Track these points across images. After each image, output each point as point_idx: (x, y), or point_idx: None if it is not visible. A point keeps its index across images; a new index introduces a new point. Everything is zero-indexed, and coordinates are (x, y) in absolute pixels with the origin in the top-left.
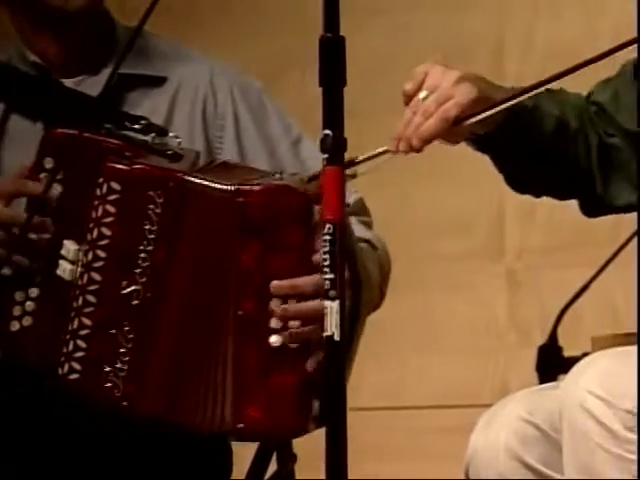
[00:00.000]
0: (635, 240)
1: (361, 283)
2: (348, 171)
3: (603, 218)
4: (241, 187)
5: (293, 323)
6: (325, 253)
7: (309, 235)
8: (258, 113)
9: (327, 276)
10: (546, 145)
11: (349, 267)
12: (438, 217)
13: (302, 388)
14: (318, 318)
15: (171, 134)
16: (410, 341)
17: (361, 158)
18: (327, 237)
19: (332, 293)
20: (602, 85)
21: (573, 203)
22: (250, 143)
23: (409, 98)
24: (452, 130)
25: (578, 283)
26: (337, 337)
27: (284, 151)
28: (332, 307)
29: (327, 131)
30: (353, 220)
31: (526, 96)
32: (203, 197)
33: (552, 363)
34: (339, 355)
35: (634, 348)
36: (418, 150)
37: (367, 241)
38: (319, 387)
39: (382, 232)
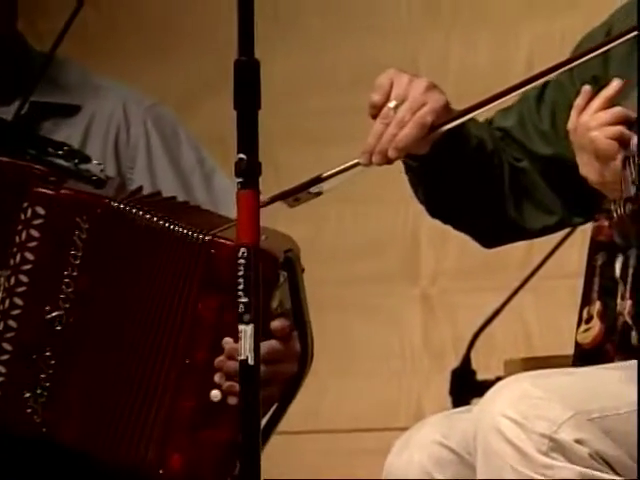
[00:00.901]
0: (547, 265)
1: (308, 344)
2: (313, 189)
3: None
4: (215, 239)
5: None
6: (239, 277)
7: (270, 299)
8: (171, 144)
9: (241, 300)
10: (469, 164)
11: (297, 307)
12: (354, 240)
13: (230, 447)
14: (266, 383)
15: (94, 161)
16: (327, 364)
17: (328, 174)
18: (242, 261)
19: (246, 317)
20: (502, 112)
21: None
22: (162, 174)
23: (377, 109)
24: (427, 138)
25: (491, 307)
26: (251, 361)
27: (196, 183)
28: (246, 331)
29: (241, 155)
30: None
31: (494, 104)
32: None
33: (466, 387)
34: (253, 380)
35: (547, 371)
36: (392, 161)
37: None
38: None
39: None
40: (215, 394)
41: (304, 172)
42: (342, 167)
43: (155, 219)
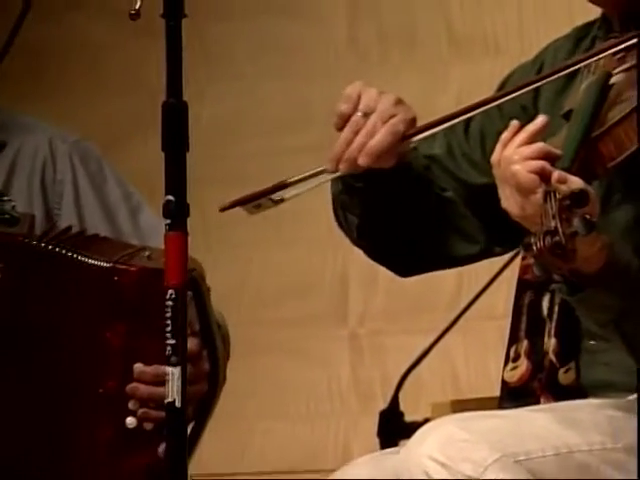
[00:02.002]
0: (475, 306)
1: (218, 362)
2: (275, 196)
3: (443, 283)
4: (117, 265)
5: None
6: (167, 319)
7: (139, 323)
8: (97, 180)
9: (169, 342)
10: (406, 188)
11: (205, 327)
12: (282, 281)
13: (150, 472)
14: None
15: (5, 198)
16: (254, 406)
17: (292, 180)
18: (169, 303)
19: (174, 359)
20: (428, 141)
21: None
22: (89, 210)
23: (344, 119)
24: (395, 149)
25: (420, 348)
26: (178, 404)
27: (123, 219)
28: (174, 373)
29: (169, 197)
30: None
31: (470, 114)
32: (64, 267)
33: (393, 428)
34: (180, 422)
35: (474, 414)
36: (360, 170)
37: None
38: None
39: (227, 296)
40: (130, 421)
41: (231, 214)
42: (307, 174)
43: (64, 252)
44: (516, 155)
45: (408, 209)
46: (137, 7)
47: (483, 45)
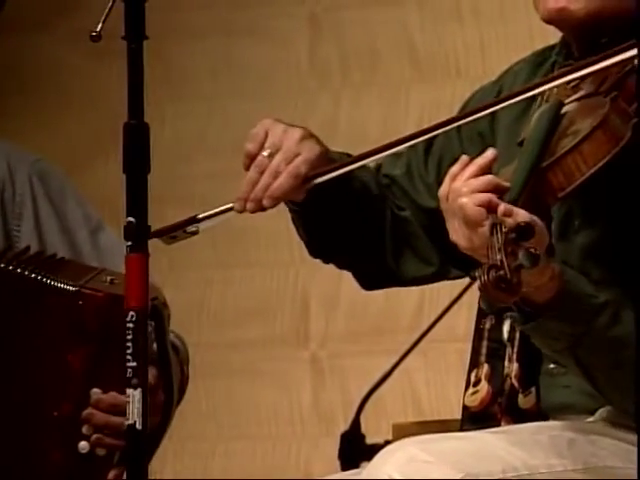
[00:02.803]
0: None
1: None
2: (190, 228)
3: (404, 305)
4: (83, 290)
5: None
6: (128, 341)
7: (103, 347)
8: (57, 200)
9: (130, 364)
10: (351, 206)
11: (163, 357)
12: (243, 302)
13: None
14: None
15: None
16: (215, 427)
17: (203, 215)
18: (130, 325)
19: (134, 381)
20: (393, 159)
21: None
22: (49, 231)
23: (250, 159)
24: (301, 188)
25: (381, 370)
26: (139, 426)
27: (83, 240)
28: (134, 395)
29: (130, 218)
30: None
31: (380, 156)
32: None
33: (355, 450)
34: (141, 444)
35: (435, 436)
36: (267, 209)
37: (171, 345)
38: None
39: (188, 317)
40: (83, 446)
41: (192, 238)
42: (216, 210)
43: (27, 273)
44: (464, 188)
45: (357, 225)
46: (98, 29)
47: (445, 67)
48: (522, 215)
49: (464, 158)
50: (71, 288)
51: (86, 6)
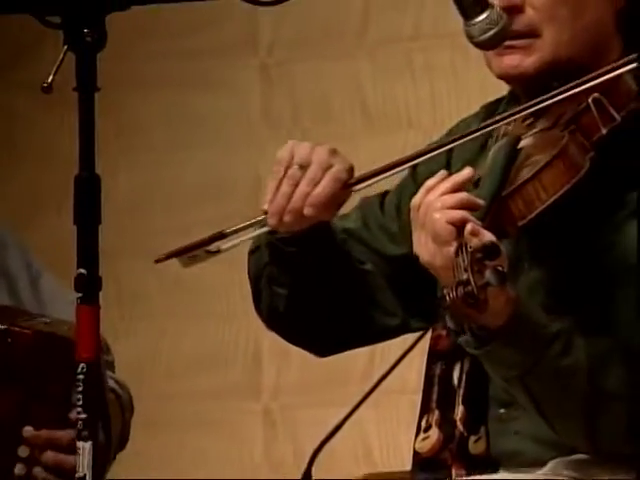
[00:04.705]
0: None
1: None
2: (212, 247)
3: (356, 357)
4: (10, 328)
5: (39, 470)
6: (79, 393)
7: (71, 388)
8: None
9: (80, 416)
10: (331, 259)
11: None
12: (195, 353)
13: None
14: (66, 472)
15: None
16: (166, 478)
17: (231, 230)
18: (81, 376)
19: (85, 434)
20: (342, 217)
21: None
22: None
23: (280, 177)
24: (342, 195)
25: (333, 422)
26: (89, 479)
27: (23, 287)
28: (84, 447)
29: (81, 270)
30: None
31: (407, 166)
32: None
33: None
34: None
35: None
36: (305, 223)
37: (112, 390)
38: None
39: (140, 368)
40: None
41: (145, 286)
42: (246, 224)
43: None
44: (438, 203)
45: (333, 279)
46: (50, 80)
47: (396, 118)
48: (488, 235)
49: (442, 172)
50: (0, 326)
51: (37, 57)
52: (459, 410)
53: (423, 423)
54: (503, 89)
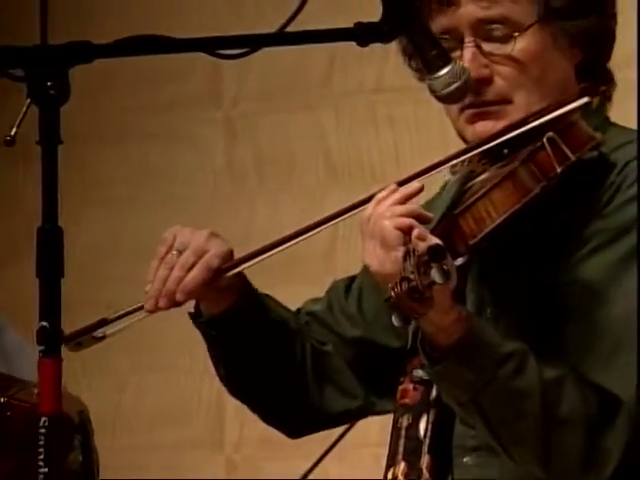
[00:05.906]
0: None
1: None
2: (97, 333)
3: None
4: (10, 401)
5: None
6: (40, 447)
7: (64, 464)
8: None
9: (42, 470)
10: (268, 340)
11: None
12: (157, 407)
13: None
14: None
15: None
16: None
17: (113, 317)
18: (42, 430)
19: None
20: (313, 300)
21: None
22: None
23: (160, 260)
24: (214, 284)
25: (297, 475)
26: None
27: None
28: None
29: (44, 322)
30: None
31: (279, 248)
32: None
33: None
34: None
35: None
36: (181, 304)
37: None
38: None
39: (102, 421)
40: None
41: (108, 340)
42: (127, 310)
43: None
44: (388, 212)
45: (276, 362)
46: (12, 133)
47: (359, 171)
48: (435, 239)
49: (392, 185)
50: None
51: (0, 110)
52: (425, 459)
53: (389, 475)
54: (465, 143)
